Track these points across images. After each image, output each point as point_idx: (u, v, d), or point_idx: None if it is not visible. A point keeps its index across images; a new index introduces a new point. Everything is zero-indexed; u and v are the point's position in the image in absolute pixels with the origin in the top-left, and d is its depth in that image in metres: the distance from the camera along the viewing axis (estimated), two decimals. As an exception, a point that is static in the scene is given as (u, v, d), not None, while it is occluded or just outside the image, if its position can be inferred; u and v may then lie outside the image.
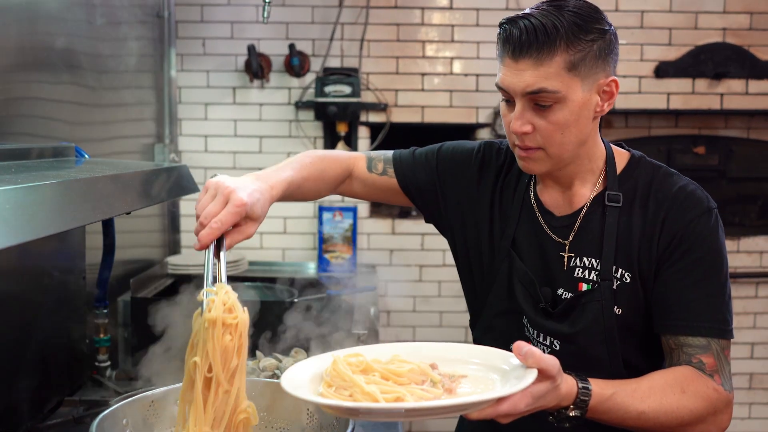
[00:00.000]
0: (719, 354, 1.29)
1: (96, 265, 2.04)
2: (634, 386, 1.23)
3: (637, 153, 1.44)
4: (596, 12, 1.29)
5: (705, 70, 3.46)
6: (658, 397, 1.23)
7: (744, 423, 3.65)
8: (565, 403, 1.15)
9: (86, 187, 1.18)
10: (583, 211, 1.40)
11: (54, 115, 2.01)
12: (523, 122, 1.30)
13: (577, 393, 1.15)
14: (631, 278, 1.35)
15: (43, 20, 1.93)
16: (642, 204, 1.36)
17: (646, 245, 1.34)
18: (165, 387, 1.31)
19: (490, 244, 1.49)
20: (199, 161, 3.39)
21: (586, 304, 1.37)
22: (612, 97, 1.33)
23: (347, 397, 1.02)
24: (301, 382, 1.06)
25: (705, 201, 1.35)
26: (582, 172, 1.40)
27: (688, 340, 1.30)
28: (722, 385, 1.28)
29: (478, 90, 3.47)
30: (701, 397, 1.25)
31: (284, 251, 3.49)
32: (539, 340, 1.43)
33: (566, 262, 1.40)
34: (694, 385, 1.26)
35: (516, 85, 1.28)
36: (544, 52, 1.24)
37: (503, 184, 1.51)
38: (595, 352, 1.37)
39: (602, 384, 1.19)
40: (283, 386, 1.02)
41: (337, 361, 1.08)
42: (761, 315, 3.60)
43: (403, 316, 3.53)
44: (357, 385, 1.02)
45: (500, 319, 1.49)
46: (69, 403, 1.87)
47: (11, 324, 1.68)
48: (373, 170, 1.58)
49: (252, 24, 3.35)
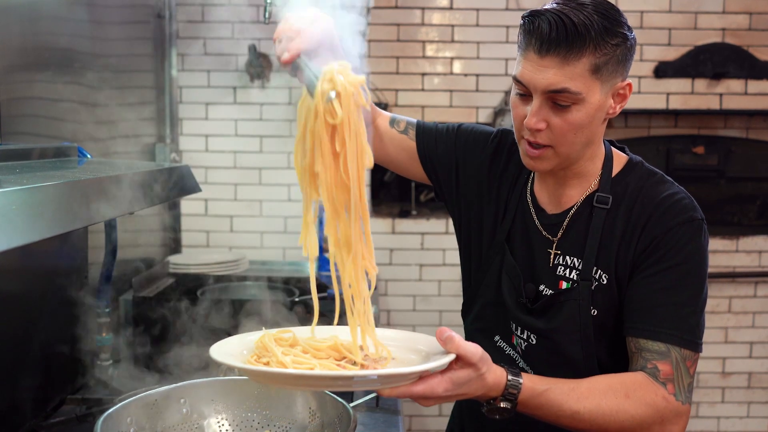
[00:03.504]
0: (679, 363, 1.26)
1: (98, 264, 2.05)
2: (572, 386, 1.23)
3: (636, 158, 1.44)
4: (620, 15, 1.27)
5: (704, 70, 3.46)
6: (597, 399, 1.22)
7: (743, 422, 3.66)
8: (493, 394, 1.16)
9: (90, 188, 1.18)
10: (572, 211, 1.41)
11: (55, 114, 2.02)
12: (539, 119, 1.28)
13: (506, 385, 1.16)
14: (608, 280, 1.35)
15: (45, 20, 1.94)
16: (628, 207, 1.36)
17: (624, 248, 1.34)
18: (168, 386, 1.32)
19: (489, 235, 1.51)
20: (199, 161, 3.40)
21: (564, 303, 1.37)
22: (624, 99, 1.32)
23: (263, 364, 1.08)
24: (231, 350, 1.13)
25: (690, 210, 1.33)
26: (581, 172, 1.40)
27: (648, 344, 1.28)
28: (675, 395, 1.25)
29: (478, 90, 3.48)
30: (646, 404, 1.23)
31: (284, 250, 3.50)
32: (517, 333, 1.45)
33: (551, 259, 1.41)
34: (642, 391, 1.24)
35: (538, 82, 1.25)
36: (572, 52, 1.22)
37: (508, 175, 1.51)
38: (569, 350, 1.37)
39: (536, 380, 1.20)
40: (211, 353, 1.09)
41: (265, 335, 1.14)
42: (760, 314, 3.61)
43: (403, 315, 3.54)
44: (274, 354, 1.08)
45: (488, 309, 1.51)
46: (71, 402, 1.87)
47: (14, 323, 1.69)
48: (395, 126, 1.57)
49: (253, 24, 3.36)
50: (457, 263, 3.79)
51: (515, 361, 1.46)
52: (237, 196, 3.48)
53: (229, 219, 3.49)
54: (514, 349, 1.47)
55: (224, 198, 3.47)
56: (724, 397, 3.65)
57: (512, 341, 1.47)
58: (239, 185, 3.47)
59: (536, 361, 1.42)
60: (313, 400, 1.33)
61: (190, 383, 1.35)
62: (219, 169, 3.45)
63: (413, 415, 3.57)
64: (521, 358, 1.45)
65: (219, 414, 1.34)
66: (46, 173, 1.25)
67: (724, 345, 3.61)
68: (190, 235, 3.48)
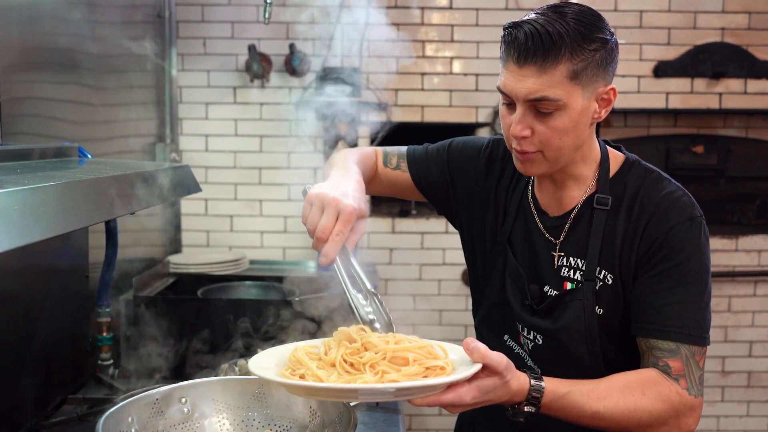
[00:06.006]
0: (688, 359, 1.31)
1: (99, 264, 2.05)
2: (591, 386, 1.27)
3: (632, 156, 1.46)
4: (599, 20, 1.30)
5: (704, 69, 3.47)
6: (615, 398, 1.26)
7: (742, 421, 3.67)
8: (518, 399, 1.20)
9: (91, 188, 1.18)
10: (573, 213, 1.43)
11: (56, 114, 2.02)
12: (524, 127, 1.31)
13: (529, 390, 1.20)
14: (613, 280, 1.37)
15: (45, 20, 1.94)
16: (628, 208, 1.38)
17: (627, 248, 1.36)
18: (169, 385, 1.32)
19: (491, 238, 1.54)
20: (199, 160, 3.41)
21: (569, 303, 1.40)
22: (609, 104, 1.35)
23: (298, 377, 1.09)
24: (267, 365, 1.15)
25: (689, 208, 1.36)
26: (576, 174, 1.42)
27: (658, 343, 1.32)
28: (687, 390, 1.30)
29: (478, 89, 3.48)
30: (662, 400, 1.28)
31: (285, 250, 3.51)
32: (524, 333, 1.47)
33: (555, 261, 1.44)
34: (657, 387, 1.28)
35: (518, 91, 1.29)
36: (548, 60, 1.25)
37: (506, 180, 1.54)
38: (575, 349, 1.40)
39: (557, 383, 1.24)
40: (250, 367, 1.11)
41: (297, 350, 1.16)
42: (759, 314, 3.61)
43: (403, 314, 3.54)
44: (309, 368, 1.09)
45: (495, 310, 1.54)
46: (72, 401, 1.88)
47: (15, 323, 1.69)
48: (388, 165, 1.62)
49: (252, 24, 3.36)
50: (456, 263, 3.81)
51: (524, 359, 1.49)
52: (237, 195, 3.48)
53: (229, 219, 3.49)
54: (522, 348, 1.50)
55: (224, 198, 3.48)
56: (724, 396, 3.65)
57: (520, 341, 1.50)
58: (239, 185, 3.47)
59: (543, 360, 1.45)
60: (314, 400, 1.34)
61: (191, 383, 1.35)
62: (219, 168, 3.46)
63: (413, 414, 3.57)
64: (529, 356, 1.48)
65: (220, 413, 1.34)
66: (47, 173, 1.26)
67: (723, 344, 3.62)
68: (190, 235, 3.48)
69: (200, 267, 2.97)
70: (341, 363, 1.08)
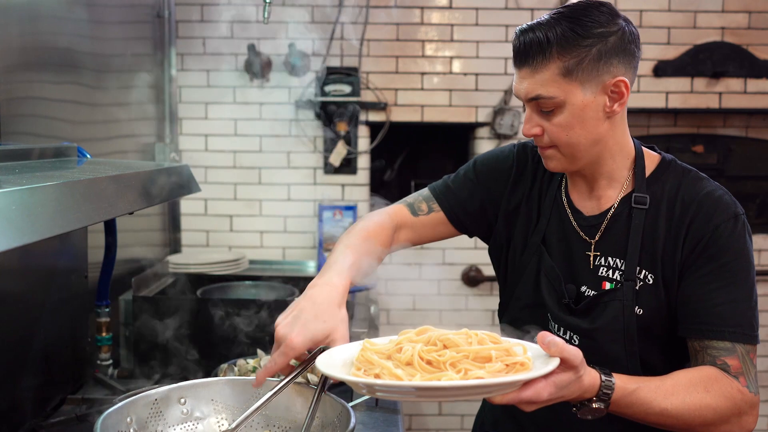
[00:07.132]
0: (744, 357, 1.31)
1: (98, 263, 2.05)
2: (658, 383, 1.24)
3: (668, 156, 1.46)
4: (601, 15, 1.31)
5: (703, 69, 3.46)
6: (682, 395, 1.24)
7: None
8: (588, 396, 1.17)
9: (89, 188, 1.18)
10: (610, 212, 1.43)
11: (55, 114, 2.02)
12: (532, 125, 1.38)
13: (600, 386, 1.17)
14: (654, 280, 1.37)
15: (45, 20, 1.94)
16: (668, 207, 1.38)
17: (671, 248, 1.36)
18: (168, 385, 1.32)
19: (523, 239, 1.54)
20: (199, 160, 3.41)
21: (608, 303, 1.40)
22: (622, 97, 1.34)
23: (373, 376, 1.07)
24: (334, 363, 1.14)
25: (732, 206, 1.36)
26: (608, 172, 1.43)
27: (713, 343, 1.31)
28: (747, 387, 1.29)
29: (478, 89, 3.48)
30: (725, 397, 1.26)
31: (284, 250, 3.51)
32: (559, 334, 1.46)
33: (592, 260, 1.44)
34: (719, 385, 1.27)
35: (519, 92, 1.38)
36: (537, 61, 1.31)
37: (538, 183, 1.55)
38: (612, 350, 1.39)
39: (626, 379, 1.21)
40: (317, 366, 1.11)
41: (365, 348, 1.14)
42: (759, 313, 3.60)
43: (402, 314, 3.54)
44: (385, 367, 1.07)
45: (525, 311, 1.53)
46: (71, 401, 1.88)
47: (14, 323, 1.69)
48: (419, 213, 1.60)
49: (252, 23, 3.36)
50: (456, 263, 3.80)
51: None
52: (237, 195, 3.48)
53: (229, 218, 3.49)
54: None
55: (224, 198, 3.48)
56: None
57: None
58: (239, 185, 3.47)
59: None
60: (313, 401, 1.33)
61: (190, 383, 1.35)
62: (219, 168, 3.46)
63: (413, 414, 3.57)
64: None
65: (219, 414, 1.34)
66: (46, 173, 1.25)
67: (723, 344, 3.61)
68: (190, 235, 3.48)
69: (200, 267, 2.97)
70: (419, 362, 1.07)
